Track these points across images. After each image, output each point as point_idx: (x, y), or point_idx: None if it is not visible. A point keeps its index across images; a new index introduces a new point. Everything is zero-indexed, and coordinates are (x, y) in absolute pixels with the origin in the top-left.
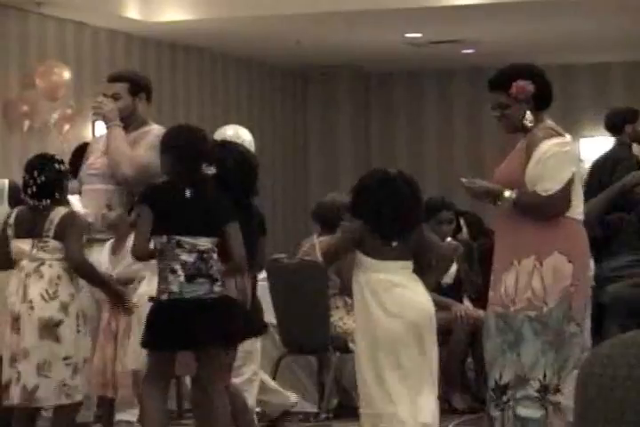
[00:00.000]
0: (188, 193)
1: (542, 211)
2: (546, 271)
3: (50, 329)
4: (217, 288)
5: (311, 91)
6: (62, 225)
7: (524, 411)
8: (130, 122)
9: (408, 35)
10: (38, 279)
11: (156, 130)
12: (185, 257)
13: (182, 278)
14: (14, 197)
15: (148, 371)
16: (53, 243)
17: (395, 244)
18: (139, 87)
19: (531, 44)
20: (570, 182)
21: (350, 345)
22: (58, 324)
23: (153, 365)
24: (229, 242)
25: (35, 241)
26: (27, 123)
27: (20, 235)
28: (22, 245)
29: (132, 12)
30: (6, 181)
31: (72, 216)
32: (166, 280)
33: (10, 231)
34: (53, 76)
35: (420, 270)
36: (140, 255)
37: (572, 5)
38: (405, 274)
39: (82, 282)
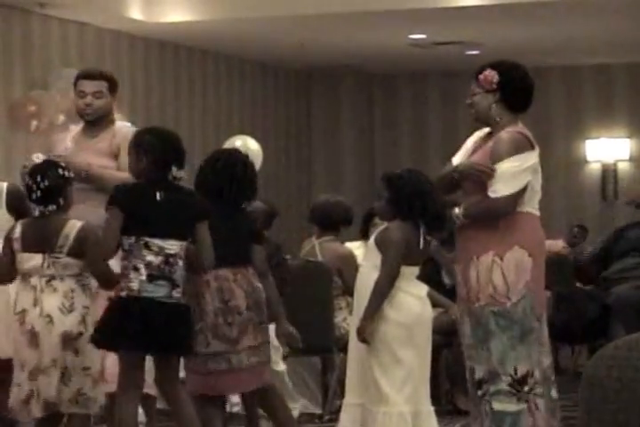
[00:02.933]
0: (158, 196)
1: (489, 213)
2: (507, 266)
3: (70, 342)
4: (176, 294)
5: (315, 92)
6: (79, 241)
7: (498, 405)
8: (106, 121)
9: (412, 36)
10: (52, 293)
11: (125, 128)
12: (150, 258)
13: (144, 277)
14: (14, 202)
15: (120, 372)
16: (66, 259)
17: (422, 246)
18: (115, 85)
19: (535, 45)
20: (521, 191)
21: None
22: (77, 337)
23: (124, 365)
24: (197, 241)
25: (45, 256)
26: (34, 123)
27: (29, 249)
28: (32, 260)
29: (136, 13)
30: (4, 185)
31: (87, 229)
32: (127, 277)
33: (17, 245)
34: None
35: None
36: (107, 256)
37: (576, 7)
38: (414, 279)
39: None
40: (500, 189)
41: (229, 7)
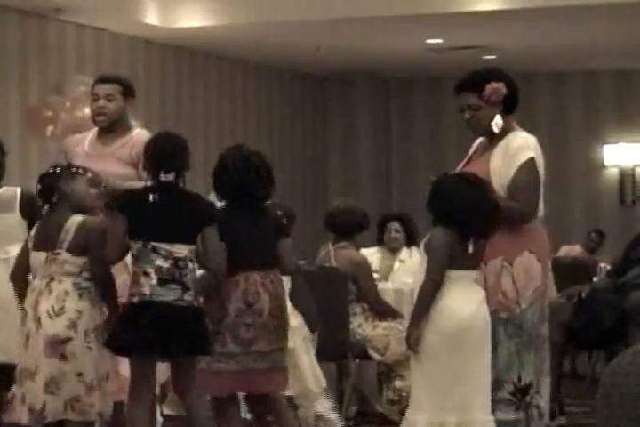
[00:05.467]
0: (151, 198)
1: (518, 217)
2: (517, 271)
3: (56, 347)
4: (187, 297)
5: (330, 97)
6: (78, 236)
7: (498, 413)
8: (118, 125)
9: (429, 41)
10: (47, 296)
11: (145, 136)
12: (160, 262)
13: (154, 282)
14: (27, 207)
15: (131, 378)
16: (65, 255)
17: (471, 249)
18: (130, 90)
19: (552, 50)
20: (539, 187)
21: (369, 352)
22: (65, 341)
23: (135, 371)
24: (204, 247)
25: (48, 253)
26: (50, 128)
27: (37, 247)
28: (39, 258)
29: (152, 18)
30: (18, 189)
31: (89, 226)
32: (138, 283)
33: (30, 244)
34: (78, 112)
35: None
36: (113, 260)
37: (594, 12)
38: (467, 284)
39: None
40: (521, 195)
41: (245, 12)
